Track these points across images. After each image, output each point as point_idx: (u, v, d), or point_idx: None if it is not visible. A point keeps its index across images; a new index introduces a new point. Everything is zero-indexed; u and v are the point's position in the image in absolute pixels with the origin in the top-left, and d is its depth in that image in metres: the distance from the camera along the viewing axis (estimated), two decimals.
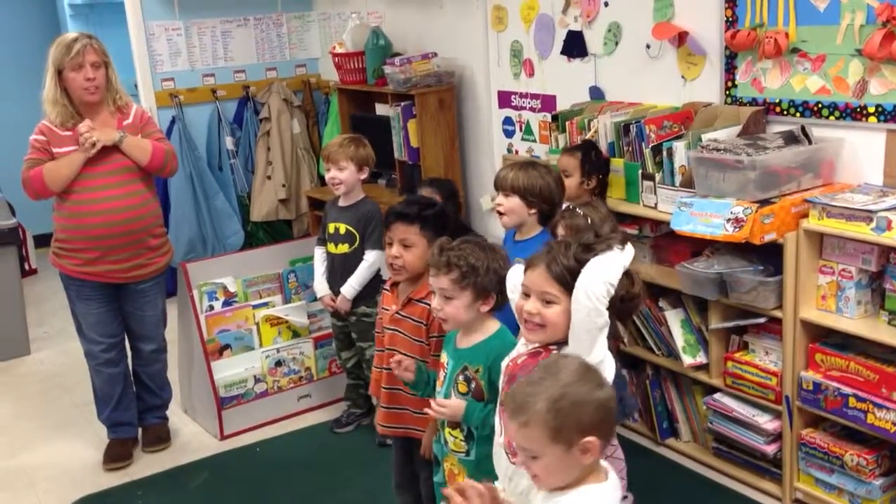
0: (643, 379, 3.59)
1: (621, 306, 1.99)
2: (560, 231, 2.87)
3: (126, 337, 3.74)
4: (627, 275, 2.00)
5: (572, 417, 1.61)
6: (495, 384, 2.19)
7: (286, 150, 5.70)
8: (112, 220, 3.44)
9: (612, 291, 1.91)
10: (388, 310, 2.73)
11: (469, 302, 2.29)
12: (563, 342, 1.99)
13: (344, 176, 3.58)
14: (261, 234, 5.75)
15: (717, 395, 3.28)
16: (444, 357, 2.40)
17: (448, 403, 2.26)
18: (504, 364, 2.12)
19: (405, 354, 2.56)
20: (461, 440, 2.32)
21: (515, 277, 2.15)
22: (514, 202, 2.98)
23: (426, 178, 4.35)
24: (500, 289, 2.29)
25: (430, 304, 2.59)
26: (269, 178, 5.68)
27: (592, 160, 3.41)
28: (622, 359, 3.62)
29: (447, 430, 2.37)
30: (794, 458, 3.06)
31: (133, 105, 3.61)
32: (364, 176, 3.64)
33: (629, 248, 2.03)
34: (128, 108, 3.56)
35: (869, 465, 2.85)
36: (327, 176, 3.64)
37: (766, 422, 3.13)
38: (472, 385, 2.28)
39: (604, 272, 1.92)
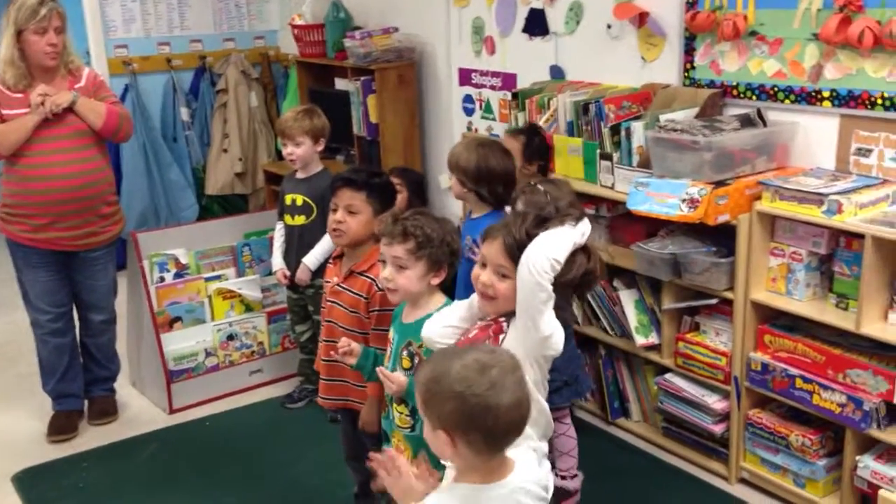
0: (596, 359, 3.60)
1: (581, 281, 1.97)
2: (519, 206, 2.85)
3: (74, 307, 3.66)
4: (584, 250, 1.98)
5: (434, 403, 1.57)
6: None
7: (243, 123, 5.61)
8: (64, 185, 3.36)
9: (557, 267, 1.88)
10: (330, 282, 2.71)
11: (422, 273, 2.27)
12: (512, 314, 1.98)
13: (301, 151, 3.54)
14: (216, 209, 5.67)
15: (668, 376, 3.31)
16: (392, 332, 2.39)
17: (394, 378, 2.24)
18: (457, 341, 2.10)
19: (341, 327, 2.53)
20: (406, 415, 2.30)
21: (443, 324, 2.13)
22: (455, 181, 2.97)
23: (392, 168, 4.29)
24: (451, 261, 2.29)
25: (371, 278, 2.57)
26: (225, 151, 5.59)
27: (535, 145, 3.41)
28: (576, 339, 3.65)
29: (394, 405, 2.35)
30: (741, 437, 3.11)
31: (85, 68, 3.53)
32: (320, 148, 3.60)
33: (584, 224, 2.01)
34: (79, 72, 3.48)
35: (813, 446, 2.89)
36: (284, 151, 3.60)
37: (714, 402, 3.16)
38: (416, 360, 2.26)
39: (548, 247, 1.89)
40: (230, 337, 3.93)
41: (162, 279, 3.87)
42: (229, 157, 5.58)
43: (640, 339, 3.36)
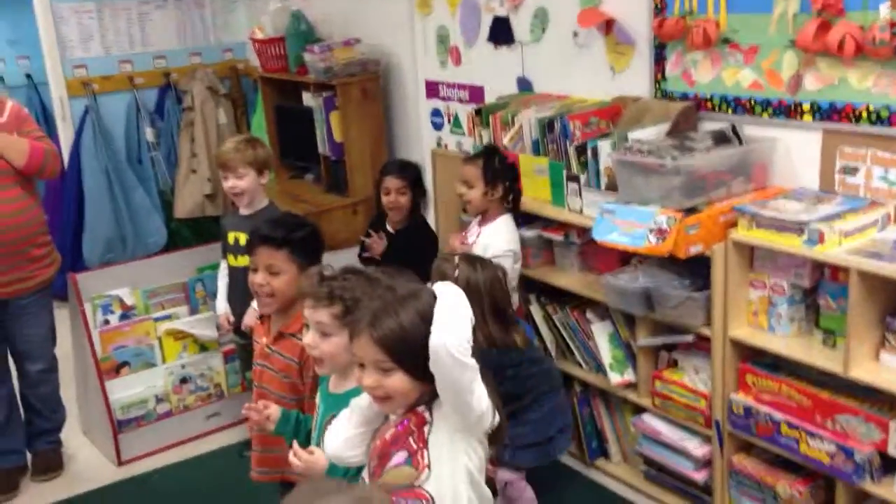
0: (571, 396, 3.32)
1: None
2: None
3: (10, 357, 3.41)
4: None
5: None
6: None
7: (212, 142, 5.34)
8: None
9: (472, 337, 1.61)
10: (259, 343, 2.44)
11: (349, 341, 2.01)
12: (426, 399, 1.71)
13: (244, 184, 3.26)
14: (185, 233, 5.39)
15: (646, 416, 3.04)
16: (318, 400, 2.13)
17: (306, 458, 1.97)
18: (372, 444, 1.83)
19: (273, 393, 2.28)
20: None
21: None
22: None
23: (392, 161, 4.00)
24: None
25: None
26: (193, 171, 5.33)
27: (495, 167, 3.13)
28: None
29: None
30: (725, 486, 2.83)
31: (7, 102, 3.28)
32: (265, 181, 3.32)
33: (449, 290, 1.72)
34: (2, 106, 3.23)
35: (802, 498, 2.61)
36: (226, 185, 3.30)
37: (695, 447, 2.89)
38: None
39: (458, 328, 1.60)
40: (184, 380, 3.68)
41: (107, 322, 3.62)
42: (198, 177, 5.31)
43: (614, 377, 3.08)
